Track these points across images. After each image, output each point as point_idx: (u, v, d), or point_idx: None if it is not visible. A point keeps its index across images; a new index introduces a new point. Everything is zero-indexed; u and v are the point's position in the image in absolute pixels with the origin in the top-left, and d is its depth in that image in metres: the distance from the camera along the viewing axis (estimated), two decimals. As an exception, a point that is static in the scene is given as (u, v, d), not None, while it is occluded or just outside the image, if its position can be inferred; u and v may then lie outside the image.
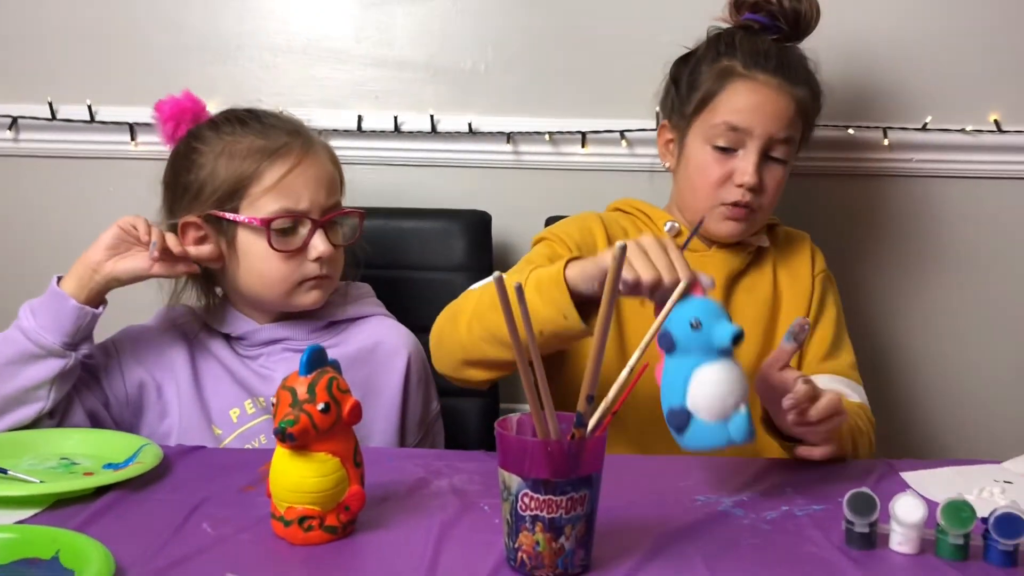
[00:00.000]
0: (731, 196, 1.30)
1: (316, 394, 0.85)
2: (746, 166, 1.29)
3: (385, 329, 1.31)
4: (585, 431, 0.80)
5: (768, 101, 1.29)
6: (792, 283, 1.38)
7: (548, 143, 1.66)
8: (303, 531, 0.85)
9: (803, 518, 0.94)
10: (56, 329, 1.15)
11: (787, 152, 1.32)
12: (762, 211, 1.33)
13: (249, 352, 1.29)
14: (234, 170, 1.21)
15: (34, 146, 1.66)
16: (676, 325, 0.93)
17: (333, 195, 1.26)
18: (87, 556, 0.77)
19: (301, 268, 1.23)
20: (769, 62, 1.31)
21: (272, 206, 1.20)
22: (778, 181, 1.32)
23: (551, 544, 0.78)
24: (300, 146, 1.24)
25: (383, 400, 1.27)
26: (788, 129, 1.30)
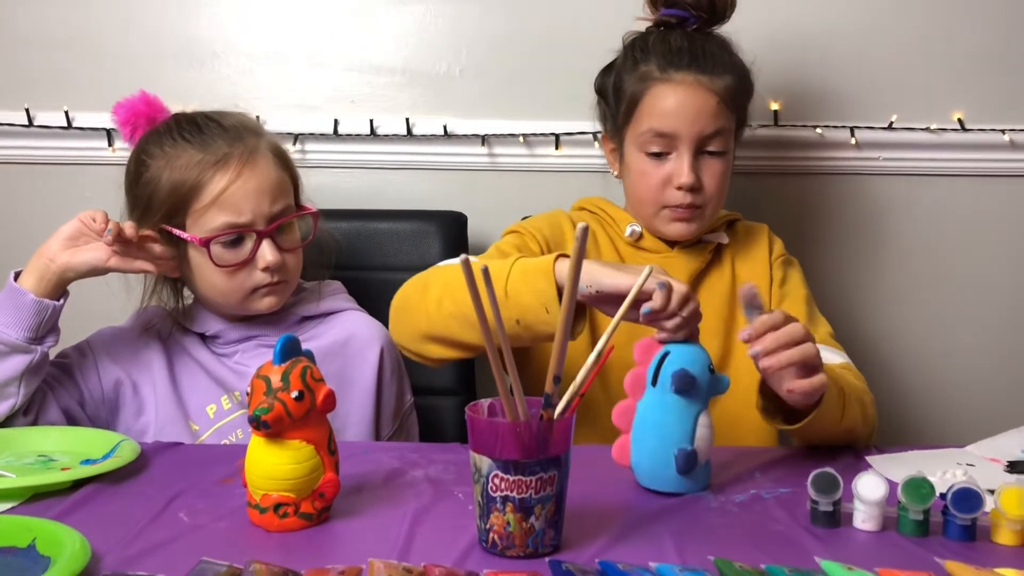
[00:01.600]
0: (673, 199, 1.31)
1: (290, 382, 0.86)
2: (680, 167, 1.29)
3: (357, 322, 1.32)
4: (553, 412, 0.81)
5: (688, 100, 1.29)
6: (751, 274, 1.39)
7: (522, 145, 1.68)
8: (278, 518, 0.87)
9: (770, 500, 0.96)
10: (18, 324, 1.15)
11: (722, 144, 1.32)
12: (710, 206, 1.33)
13: (224, 350, 1.30)
14: (175, 185, 1.21)
15: (11, 153, 1.67)
16: (695, 368, 0.95)
17: (279, 201, 1.24)
18: (63, 543, 0.78)
19: (251, 278, 1.23)
20: (683, 59, 1.31)
21: (215, 221, 1.20)
22: (719, 173, 1.32)
23: (521, 524, 0.80)
24: (240, 156, 1.22)
25: (357, 392, 1.28)
26: (715, 122, 1.30)
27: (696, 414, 0.97)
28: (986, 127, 1.67)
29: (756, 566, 0.78)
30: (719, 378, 0.98)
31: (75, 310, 1.25)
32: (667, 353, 0.97)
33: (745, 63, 1.38)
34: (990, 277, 1.73)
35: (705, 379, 0.96)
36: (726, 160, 1.34)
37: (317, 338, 1.30)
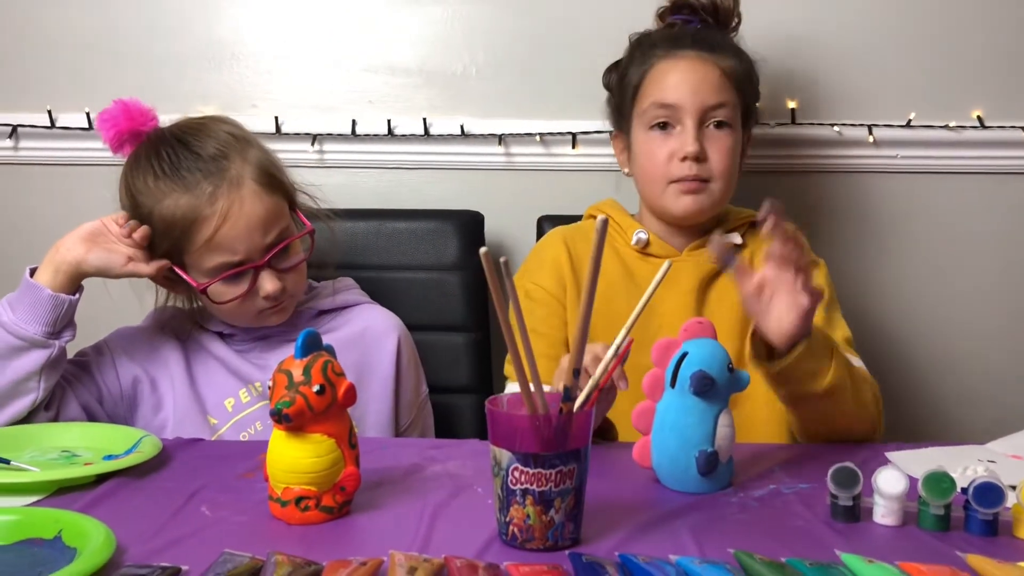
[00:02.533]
0: (679, 172, 1.31)
1: (311, 376, 0.87)
2: (684, 138, 1.31)
3: (373, 314, 1.34)
4: (573, 405, 0.82)
5: (691, 72, 1.32)
6: None
7: (539, 144, 1.68)
8: (300, 511, 0.87)
9: (790, 495, 0.96)
10: (35, 319, 1.16)
11: (728, 115, 1.32)
12: (717, 182, 1.33)
13: (242, 346, 1.31)
14: (167, 227, 1.20)
15: (33, 154, 1.69)
16: (713, 368, 0.95)
17: (272, 230, 1.22)
18: (89, 535, 0.79)
19: (255, 304, 1.24)
20: (686, 40, 1.35)
21: (211, 261, 1.21)
22: (726, 147, 1.32)
23: (541, 517, 0.80)
24: (225, 195, 1.19)
25: (376, 381, 1.30)
26: (719, 94, 1.32)
27: (716, 414, 0.96)
28: (1006, 124, 1.65)
29: (776, 559, 0.78)
30: (738, 376, 0.98)
31: (91, 311, 1.26)
32: (685, 354, 0.97)
33: (751, 57, 1.40)
34: (1011, 275, 1.72)
35: (724, 378, 0.96)
36: (733, 135, 1.34)
37: (335, 330, 1.31)
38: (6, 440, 1.09)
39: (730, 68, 1.34)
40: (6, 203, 1.72)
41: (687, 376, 0.96)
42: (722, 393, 0.97)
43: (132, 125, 1.26)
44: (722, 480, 0.98)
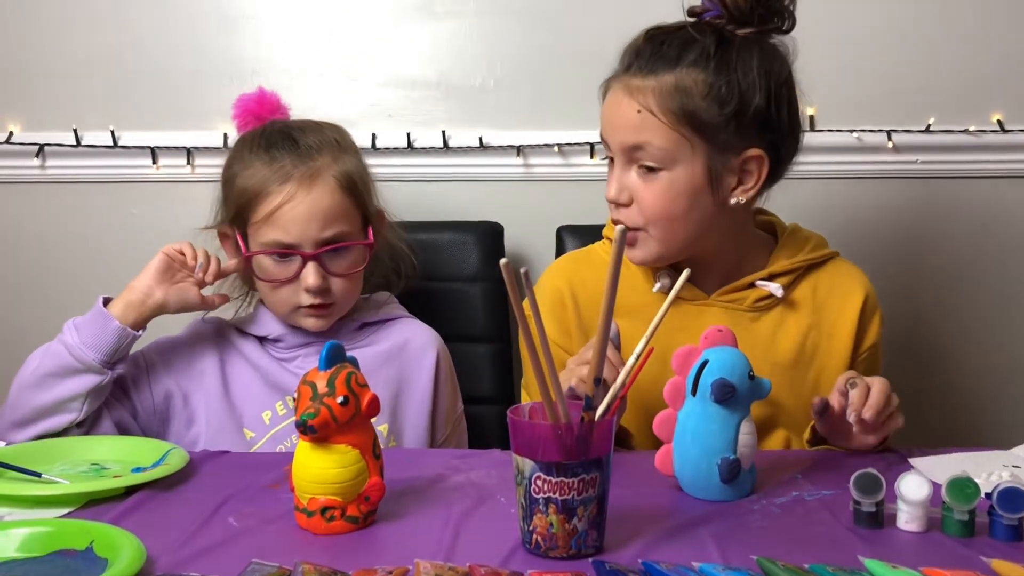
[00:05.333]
0: (612, 215, 1.20)
1: (335, 388, 0.88)
2: (609, 180, 1.19)
3: (414, 328, 1.36)
4: (594, 414, 0.82)
5: (612, 108, 1.18)
6: (827, 352, 1.23)
7: (557, 155, 1.70)
8: (325, 521, 0.88)
9: (813, 502, 0.96)
10: (97, 347, 1.20)
11: (656, 158, 1.14)
12: (650, 228, 1.17)
13: (283, 354, 1.32)
14: (240, 192, 1.27)
15: (60, 172, 1.72)
16: (734, 376, 0.96)
17: (332, 227, 1.25)
18: (119, 546, 0.80)
19: (296, 295, 1.26)
20: (628, 58, 1.18)
21: (266, 236, 1.24)
22: (655, 192, 1.15)
23: (564, 525, 0.81)
24: (299, 178, 1.24)
25: (415, 395, 1.31)
26: (637, 134, 1.14)
27: (738, 422, 0.97)
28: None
29: (800, 565, 0.78)
30: (760, 383, 0.99)
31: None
32: (706, 362, 0.97)
33: (753, 64, 1.16)
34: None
35: (745, 386, 0.97)
36: (668, 178, 1.15)
37: (376, 343, 1.33)
38: (37, 454, 1.10)
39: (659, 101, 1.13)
40: (34, 221, 1.75)
41: (708, 384, 0.96)
42: (743, 400, 0.97)
43: (260, 111, 1.34)
44: (744, 487, 0.98)
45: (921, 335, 1.73)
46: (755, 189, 1.20)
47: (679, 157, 1.15)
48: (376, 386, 1.28)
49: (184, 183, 1.72)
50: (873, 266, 1.71)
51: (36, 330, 1.74)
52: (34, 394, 1.21)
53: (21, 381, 1.22)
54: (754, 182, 1.19)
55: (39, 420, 1.20)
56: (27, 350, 1.74)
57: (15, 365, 1.75)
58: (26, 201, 1.74)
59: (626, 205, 1.18)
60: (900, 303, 1.73)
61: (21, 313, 1.76)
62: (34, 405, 1.20)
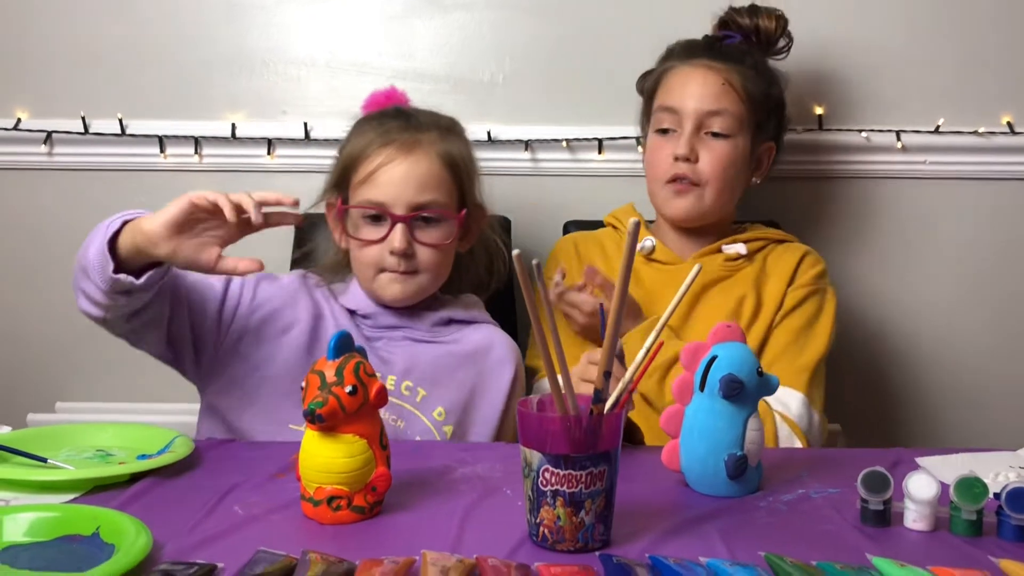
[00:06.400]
0: (671, 170, 1.38)
1: (344, 377, 0.88)
2: (679, 139, 1.38)
3: (498, 337, 1.34)
4: (603, 407, 0.82)
5: (693, 79, 1.39)
6: (768, 296, 1.39)
7: (565, 150, 1.69)
8: (332, 511, 0.88)
9: (819, 499, 0.96)
10: (100, 276, 1.10)
11: (726, 126, 1.38)
12: (708, 187, 1.38)
13: (372, 332, 1.30)
14: (347, 155, 1.29)
15: (68, 159, 1.72)
16: (743, 372, 0.95)
17: (426, 193, 1.25)
18: (126, 532, 0.80)
19: (383, 257, 1.25)
20: (699, 50, 1.43)
21: (363, 195, 1.26)
22: (719, 154, 1.38)
23: (572, 518, 0.81)
24: (401, 143, 1.26)
25: (486, 404, 1.29)
26: (718, 102, 1.38)
27: (745, 418, 0.97)
28: (1036, 130, 1.65)
29: (807, 562, 0.78)
30: (768, 379, 0.98)
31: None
32: (714, 357, 0.97)
33: (775, 72, 1.46)
34: (1040, 281, 1.71)
35: (753, 382, 0.96)
36: (730, 145, 1.38)
37: (458, 342, 1.32)
38: (42, 439, 1.10)
39: (737, 79, 1.39)
40: (42, 208, 1.74)
41: (716, 380, 0.96)
42: (751, 397, 0.97)
43: (386, 101, 1.38)
44: (751, 484, 0.98)
45: (927, 335, 1.73)
46: (764, 175, 1.48)
47: (741, 130, 1.39)
48: (451, 386, 1.29)
49: (192, 172, 1.71)
50: (879, 266, 1.72)
51: (41, 318, 1.75)
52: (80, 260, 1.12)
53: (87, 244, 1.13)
54: (764, 169, 1.48)
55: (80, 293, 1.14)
56: (31, 336, 1.76)
57: (19, 352, 1.77)
58: (33, 188, 1.73)
59: (693, 162, 1.38)
60: (906, 303, 1.72)
61: (27, 300, 1.76)
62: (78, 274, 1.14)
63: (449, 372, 1.28)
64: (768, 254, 1.44)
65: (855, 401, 1.71)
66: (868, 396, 1.73)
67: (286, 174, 1.71)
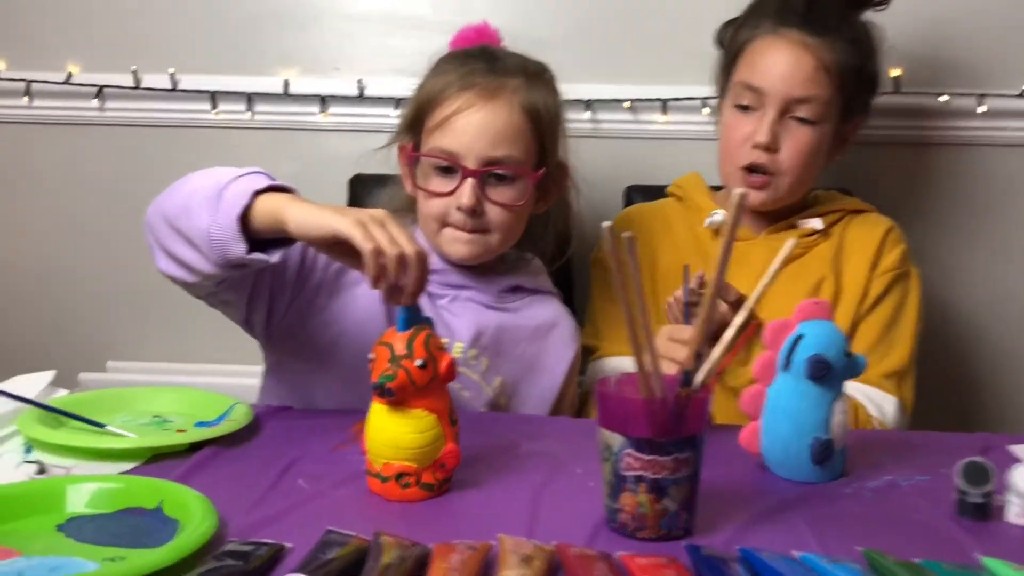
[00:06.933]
0: (746, 157, 1.27)
1: (414, 350, 0.84)
2: (760, 125, 1.25)
3: (563, 315, 1.28)
4: (691, 389, 0.77)
5: (784, 58, 1.25)
6: (848, 279, 1.30)
7: (627, 111, 1.63)
8: (400, 487, 0.85)
9: (907, 488, 0.91)
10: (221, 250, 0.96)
11: (814, 112, 1.25)
12: (784, 176, 1.27)
13: (438, 290, 1.22)
14: (423, 95, 1.20)
15: (119, 114, 1.68)
16: (831, 352, 0.90)
17: (502, 148, 1.16)
18: (190, 507, 0.77)
19: (449, 212, 1.17)
20: (795, 17, 1.26)
21: (435, 142, 1.17)
22: (802, 143, 1.26)
23: (654, 505, 0.77)
24: (482, 88, 1.16)
25: (543, 382, 1.24)
26: (809, 88, 1.24)
27: (831, 401, 0.92)
28: None
29: (910, 560, 0.73)
30: (855, 360, 0.93)
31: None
32: (800, 336, 0.92)
33: (874, 41, 1.32)
34: None
35: (841, 363, 0.91)
36: (816, 132, 1.26)
37: (525, 314, 1.25)
38: (99, 404, 1.08)
39: (833, 60, 1.25)
40: (92, 164, 1.72)
41: (802, 359, 0.91)
42: (838, 378, 0.92)
43: (476, 38, 1.29)
44: (835, 470, 0.93)
45: (1005, 314, 1.65)
46: (845, 154, 1.35)
47: (828, 116, 1.27)
48: (511, 359, 1.23)
49: (243, 130, 1.68)
50: (954, 237, 1.64)
51: (92, 275, 1.74)
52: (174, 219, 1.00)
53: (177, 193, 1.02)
54: (847, 147, 1.34)
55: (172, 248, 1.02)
56: (82, 294, 1.75)
57: (70, 310, 1.75)
58: (85, 143, 1.71)
59: (774, 151, 1.26)
60: (982, 278, 1.65)
61: (78, 257, 1.74)
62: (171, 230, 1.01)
63: (512, 344, 1.22)
64: (846, 228, 1.34)
65: (929, 383, 1.64)
66: (941, 379, 1.65)
67: (339, 133, 1.67)
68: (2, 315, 1.76)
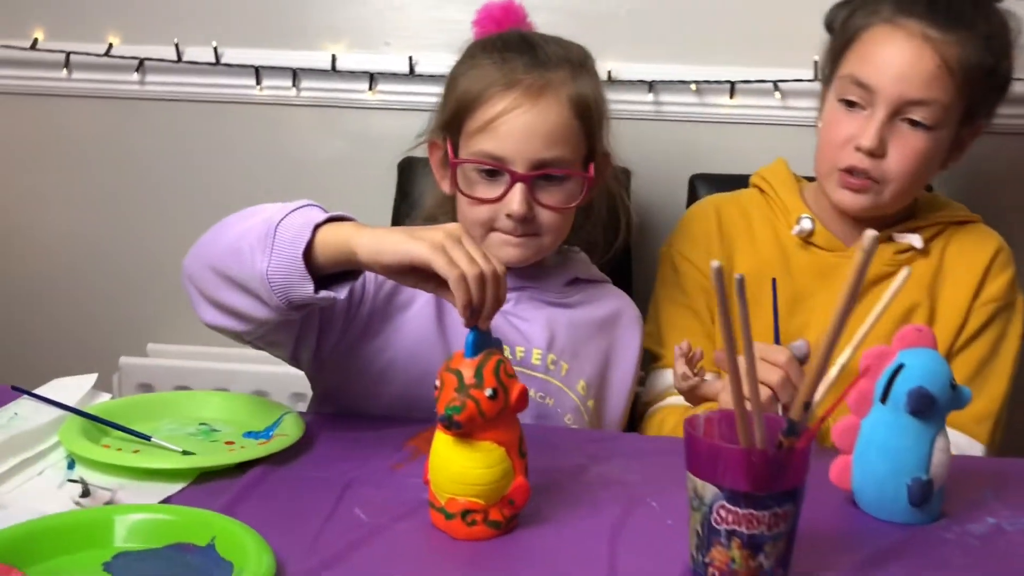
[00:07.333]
0: (847, 159, 1.13)
1: (484, 378, 0.78)
2: (867, 126, 1.11)
3: (623, 300, 1.22)
4: (796, 440, 0.70)
5: (901, 54, 1.10)
6: (948, 303, 1.18)
7: (693, 93, 1.54)
8: (466, 525, 0.79)
9: (1014, 534, 0.84)
10: (283, 290, 0.88)
11: (931, 117, 1.10)
12: (888, 184, 1.13)
13: None
14: (462, 94, 1.11)
15: (160, 89, 1.62)
16: (936, 385, 0.82)
17: (553, 149, 1.08)
18: (245, 548, 0.72)
19: (497, 219, 1.09)
20: (919, 5, 1.11)
21: (478, 145, 1.08)
22: (913, 150, 1.11)
23: (748, 562, 0.70)
24: (528, 86, 1.07)
25: (620, 374, 1.18)
26: (927, 89, 1.09)
27: (932, 437, 0.84)
28: None
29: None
30: (960, 392, 0.85)
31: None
32: (901, 366, 0.84)
33: (1010, 33, 1.14)
34: None
35: (946, 396, 0.83)
36: (930, 139, 1.12)
37: (585, 304, 1.18)
38: (143, 409, 1.03)
39: (959, 58, 1.09)
40: (132, 139, 1.66)
41: (903, 392, 0.83)
42: (941, 412, 0.84)
43: (502, 19, 1.20)
44: (933, 511, 0.86)
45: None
46: (959, 160, 1.19)
47: (948, 121, 1.13)
48: (588, 357, 1.17)
49: (288, 106, 1.61)
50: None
51: (131, 254, 1.69)
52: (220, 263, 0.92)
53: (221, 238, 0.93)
54: (963, 153, 1.19)
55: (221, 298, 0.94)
56: (121, 274, 1.70)
57: (110, 290, 1.71)
58: (124, 118, 1.65)
59: (879, 157, 1.12)
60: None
61: (117, 235, 1.70)
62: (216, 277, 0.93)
63: (584, 342, 1.16)
64: (948, 244, 1.20)
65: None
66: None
67: (388, 111, 1.60)
68: (41, 296, 1.72)
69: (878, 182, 1.13)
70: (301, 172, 1.63)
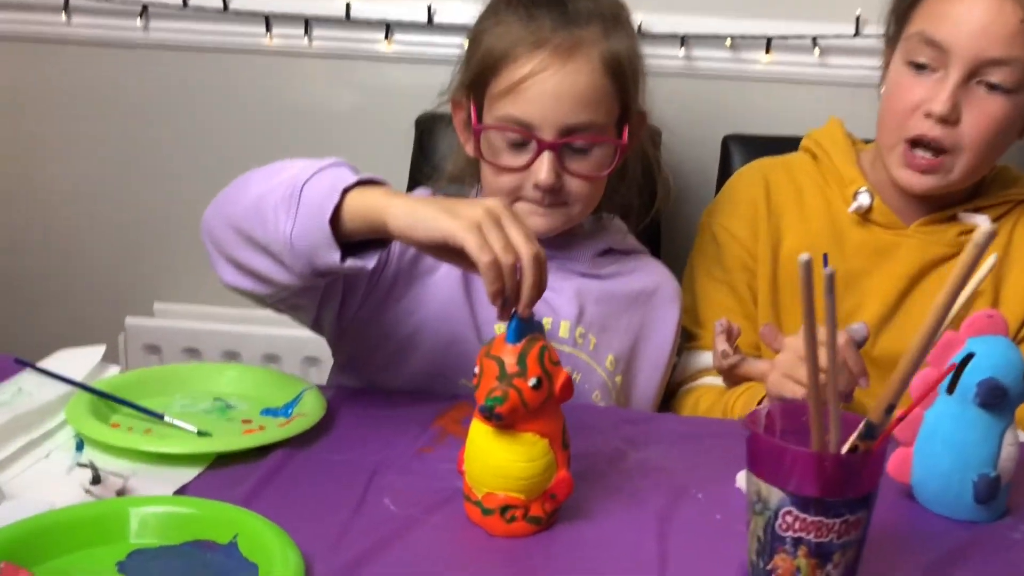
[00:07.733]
0: (916, 128, 1.04)
1: (527, 367, 0.72)
2: (939, 90, 1.02)
3: (662, 272, 1.16)
4: (873, 443, 0.65)
5: (981, 8, 1.01)
6: (1014, 290, 1.10)
7: (727, 49, 1.46)
8: (505, 522, 0.74)
9: (1086, 534, 0.79)
10: (307, 256, 0.83)
11: (1012, 79, 1.02)
12: (962, 154, 1.05)
13: None
14: (486, 53, 1.03)
15: (165, 36, 1.54)
16: (1008, 376, 0.77)
17: (583, 114, 1.00)
18: (270, 549, 0.67)
19: (524, 188, 1.03)
20: None
21: (503, 109, 1.01)
22: (991, 116, 1.03)
23: (815, 572, 0.65)
24: (556, 46, 0.99)
25: (653, 350, 1.12)
26: (1008, 47, 1.01)
27: (1002, 431, 0.79)
28: None
29: None
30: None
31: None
32: (971, 355, 0.78)
33: None
34: None
35: (1018, 388, 0.78)
36: (1009, 104, 1.03)
37: (622, 279, 1.12)
38: (154, 383, 0.98)
39: None
40: (135, 89, 1.58)
41: (973, 383, 0.78)
42: (1012, 405, 0.79)
43: None
44: (998, 508, 0.81)
45: None
46: None
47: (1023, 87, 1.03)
48: (618, 331, 1.11)
49: (300, 57, 1.53)
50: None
51: (136, 208, 1.62)
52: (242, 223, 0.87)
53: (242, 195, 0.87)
54: None
55: (243, 259, 0.89)
56: (126, 229, 1.63)
57: (114, 246, 1.65)
58: (127, 66, 1.57)
59: (952, 124, 1.03)
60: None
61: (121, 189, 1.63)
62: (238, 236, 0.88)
63: (616, 316, 1.10)
64: (1016, 224, 1.12)
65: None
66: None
67: (405, 63, 1.52)
68: (42, 254, 1.65)
69: (950, 153, 1.05)
70: (313, 126, 1.56)
